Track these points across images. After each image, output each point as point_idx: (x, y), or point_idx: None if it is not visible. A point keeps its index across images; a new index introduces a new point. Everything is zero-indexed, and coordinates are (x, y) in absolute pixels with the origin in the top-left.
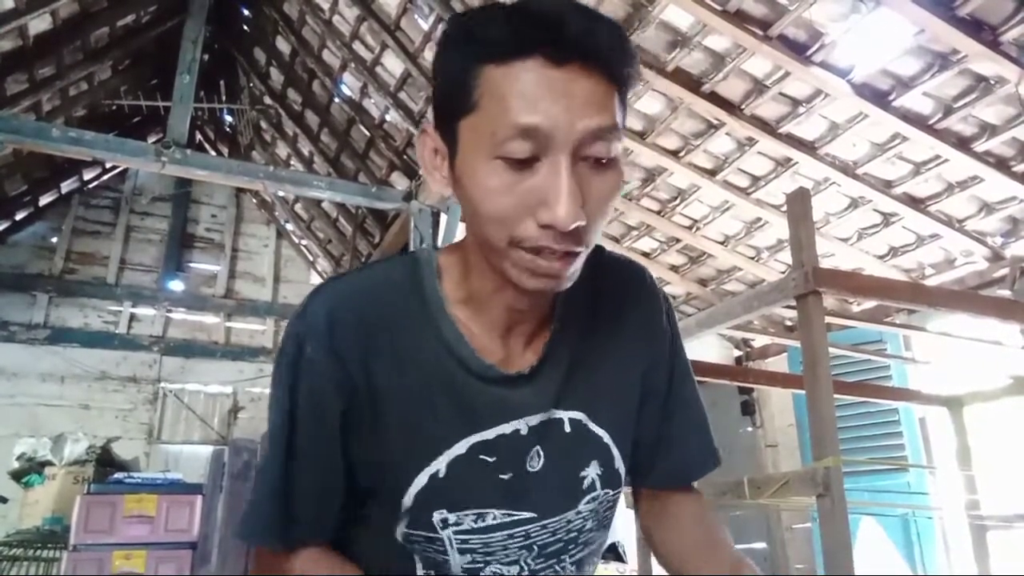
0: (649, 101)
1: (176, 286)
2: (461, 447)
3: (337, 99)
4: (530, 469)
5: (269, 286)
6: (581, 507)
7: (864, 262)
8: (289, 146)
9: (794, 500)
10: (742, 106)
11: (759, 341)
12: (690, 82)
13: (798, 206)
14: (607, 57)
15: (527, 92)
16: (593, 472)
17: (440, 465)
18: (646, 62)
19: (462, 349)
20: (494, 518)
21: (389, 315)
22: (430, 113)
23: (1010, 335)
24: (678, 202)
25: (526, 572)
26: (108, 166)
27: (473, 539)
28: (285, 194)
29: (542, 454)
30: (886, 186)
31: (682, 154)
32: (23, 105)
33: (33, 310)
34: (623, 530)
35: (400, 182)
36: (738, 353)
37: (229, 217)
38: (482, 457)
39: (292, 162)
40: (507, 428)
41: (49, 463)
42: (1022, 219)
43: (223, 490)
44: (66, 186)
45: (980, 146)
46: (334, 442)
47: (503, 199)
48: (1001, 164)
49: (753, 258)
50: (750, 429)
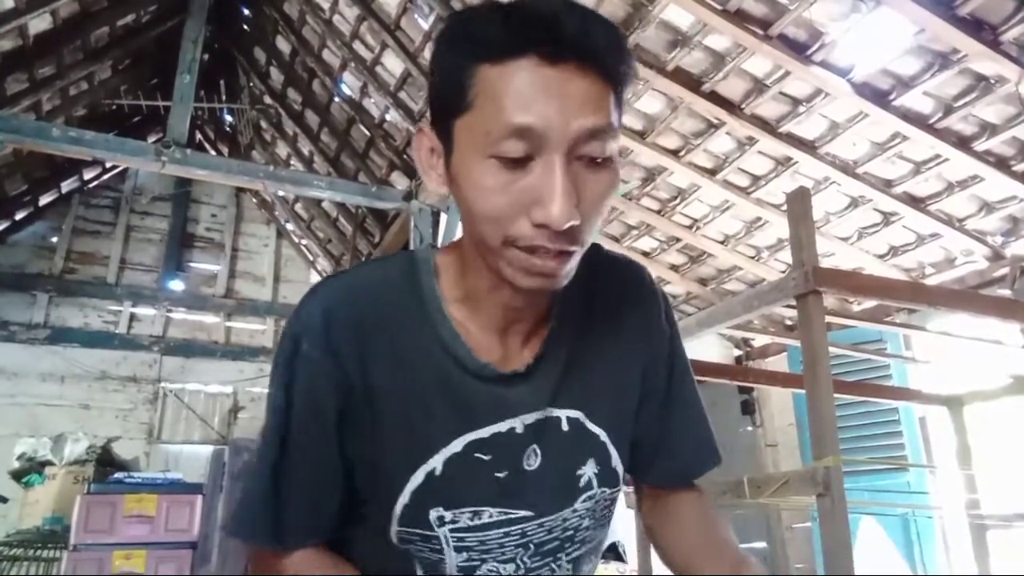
0: (649, 100)
1: (176, 286)
2: (456, 445)
3: (337, 99)
4: (527, 467)
5: (269, 286)
6: (578, 505)
7: (864, 261)
8: (289, 146)
9: (794, 500)
10: (742, 105)
11: (759, 341)
12: (690, 81)
13: (798, 205)
14: (602, 56)
15: (521, 91)
16: (590, 470)
17: (436, 463)
18: (646, 61)
19: (458, 348)
20: (490, 516)
21: (386, 314)
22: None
23: (1010, 334)
24: (678, 201)
25: (522, 570)
26: (108, 166)
27: (469, 537)
28: (285, 194)
29: (539, 452)
30: (886, 185)
31: (682, 153)
32: (23, 105)
33: (33, 310)
34: (623, 530)
35: (400, 182)
36: (738, 353)
37: (229, 217)
38: (477, 455)
39: (292, 162)
40: (503, 427)
41: (49, 463)
42: (1022, 218)
43: (223, 490)
44: (66, 186)
45: (980, 145)
46: (331, 440)
47: (498, 198)
48: (1001, 163)
49: (753, 257)
50: (750, 429)
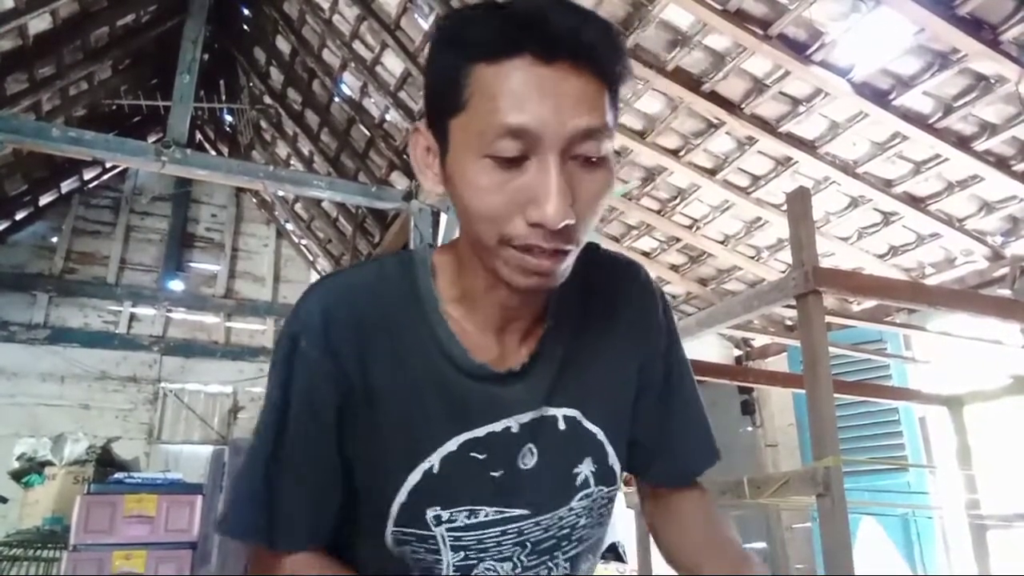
0: (649, 100)
1: (176, 286)
2: (452, 444)
3: (337, 99)
4: (522, 466)
5: (269, 286)
6: (574, 504)
7: (864, 261)
8: (289, 146)
9: (794, 500)
10: (742, 105)
11: (759, 341)
12: (690, 81)
13: (798, 205)
14: (597, 55)
15: (515, 91)
16: (587, 469)
17: (434, 461)
18: (646, 61)
19: (453, 348)
20: (486, 515)
21: (384, 313)
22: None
23: (1010, 335)
24: (678, 201)
25: (519, 569)
26: (108, 166)
27: (466, 536)
28: (285, 194)
29: (535, 451)
30: (886, 185)
31: (682, 153)
32: (23, 105)
33: (33, 310)
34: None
35: (400, 182)
36: (738, 353)
37: (229, 217)
38: (473, 454)
39: (292, 162)
40: (498, 426)
41: (49, 463)
42: (1022, 218)
43: (223, 490)
44: (66, 186)
45: (980, 145)
46: (329, 440)
47: (493, 198)
48: (1001, 163)
49: (753, 257)
50: (750, 429)
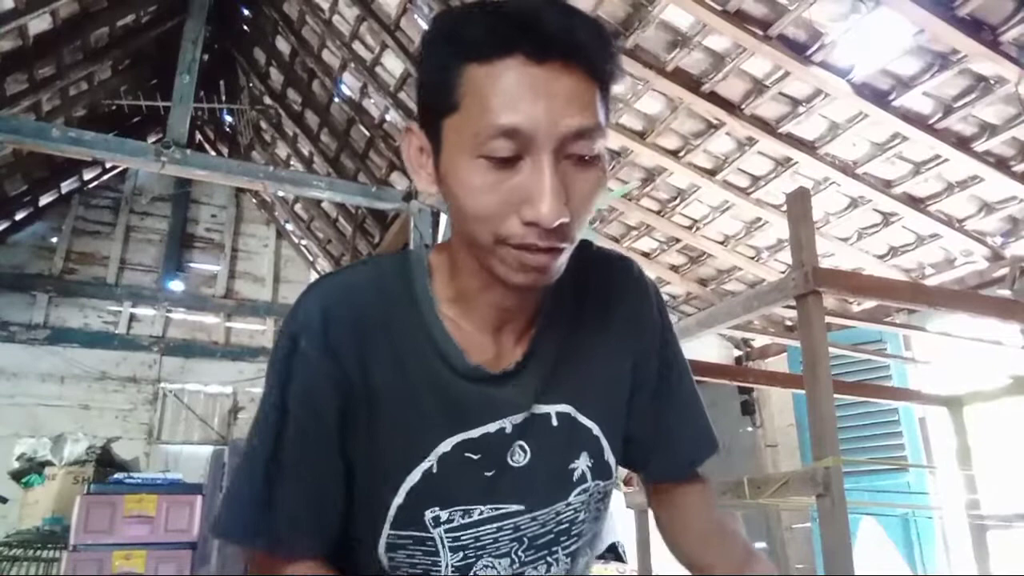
0: (649, 101)
1: (176, 286)
2: (446, 445)
3: (337, 99)
4: (513, 464)
5: (269, 286)
6: (572, 499)
7: (864, 262)
8: (289, 146)
9: (794, 500)
10: (742, 106)
11: (759, 341)
12: (690, 82)
13: (798, 206)
14: (588, 54)
15: (508, 91)
16: (583, 464)
17: (432, 462)
18: (646, 62)
19: (449, 349)
20: (481, 513)
21: (383, 313)
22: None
23: (1010, 335)
24: (678, 202)
25: (517, 564)
26: (108, 166)
27: (464, 535)
28: (285, 194)
29: (527, 449)
30: (886, 186)
31: (682, 154)
32: (23, 105)
33: (33, 310)
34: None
35: (400, 182)
36: (738, 353)
37: (229, 217)
38: (467, 455)
39: (292, 162)
40: (492, 427)
41: (49, 463)
42: (1022, 219)
43: (223, 490)
44: (66, 186)
45: (980, 146)
46: (331, 442)
47: (487, 197)
48: (1001, 164)
49: (753, 258)
50: (750, 429)
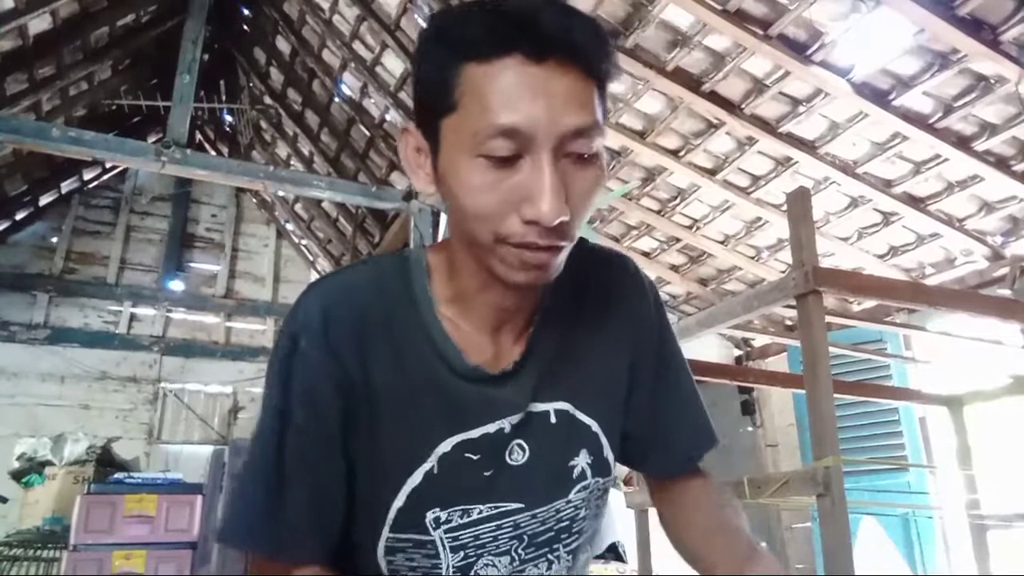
0: (649, 101)
1: (176, 286)
2: (446, 446)
3: (337, 99)
4: (511, 462)
5: (269, 286)
6: (572, 496)
7: (864, 261)
8: (289, 146)
9: (794, 500)
10: (742, 105)
11: (759, 341)
12: (690, 81)
13: (798, 205)
14: (586, 53)
15: (507, 91)
16: (583, 461)
17: (433, 463)
18: (646, 61)
19: (448, 350)
20: (480, 512)
21: (384, 313)
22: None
23: (1010, 335)
24: (678, 202)
25: (518, 562)
26: (108, 166)
27: (463, 535)
28: (285, 194)
29: (525, 447)
30: (886, 185)
31: (682, 154)
32: (23, 105)
33: (33, 310)
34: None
35: (400, 182)
36: (738, 353)
37: (229, 217)
38: (467, 455)
39: (292, 162)
40: (492, 427)
41: (49, 463)
42: (1022, 218)
43: (223, 490)
44: (66, 186)
45: (980, 145)
46: (334, 443)
47: (487, 196)
48: (1001, 163)
49: (753, 258)
50: (750, 429)
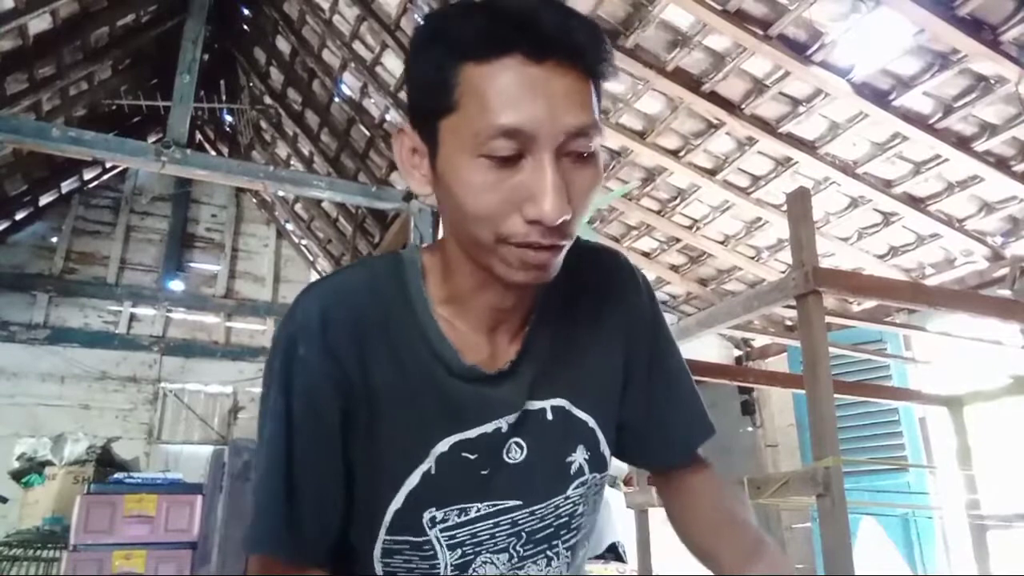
0: (649, 101)
1: (176, 286)
2: (443, 446)
3: (337, 99)
4: (508, 460)
5: (269, 286)
6: (570, 492)
7: (864, 262)
8: (289, 146)
9: (794, 500)
10: (742, 106)
11: (759, 341)
12: (690, 82)
13: (798, 206)
14: (584, 53)
15: (508, 91)
16: (580, 457)
17: (430, 463)
18: (646, 61)
19: (444, 350)
20: (477, 510)
21: (381, 313)
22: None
23: (1010, 335)
24: (678, 202)
25: (516, 559)
26: (108, 166)
27: (460, 533)
28: (285, 194)
29: (523, 445)
30: (886, 186)
31: (682, 154)
32: (23, 105)
33: (33, 310)
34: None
35: (400, 182)
36: (738, 353)
37: (229, 217)
38: (464, 455)
39: (292, 162)
40: (489, 427)
41: (49, 463)
42: (1022, 219)
43: (223, 490)
44: (66, 186)
45: (980, 145)
46: (334, 443)
47: (489, 196)
48: (1001, 163)
49: (753, 258)
50: (750, 429)
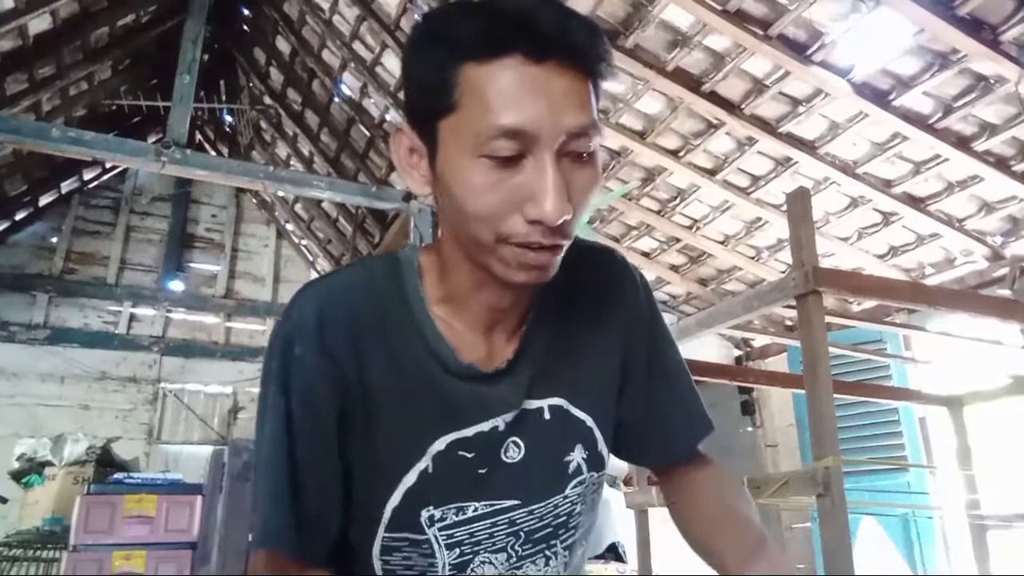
0: (649, 101)
1: (176, 286)
2: (440, 444)
3: (337, 99)
4: (506, 460)
5: (269, 286)
6: (568, 491)
7: (864, 261)
8: (289, 146)
9: (794, 500)
10: (742, 106)
11: (759, 341)
12: (690, 82)
13: (798, 205)
14: (584, 53)
15: (509, 91)
16: (578, 456)
17: (427, 462)
18: (646, 61)
19: (441, 348)
20: (475, 510)
21: (377, 313)
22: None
23: (1010, 335)
24: (678, 202)
25: (515, 559)
26: (108, 166)
27: (458, 532)
28: (285, 194)
29: (521, 444)
30: (886, 185)
31: (682, 154)
32: (23, 105)
33: (33, 310)
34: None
35: (400, 182)
36: (738, 353)
37: (229, 217)
38: (461, 453)
39: (292, 162)
40: (486, 426)
41: (49, 463)
42: (1022, 218)
43: (223, 490)
44: (66, 186)
45: (980, 145)
46: (333, 442)
47: (490, 196)
48: (1001, 163)
49: (753, 258)
50: (750, 429)
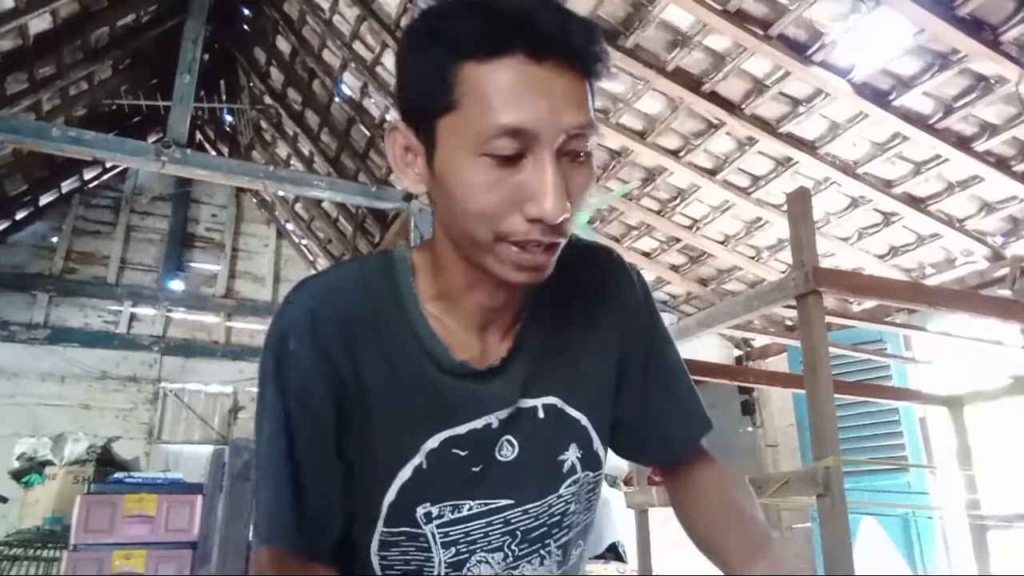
0: (649, 101)
1: (176, 286)
2: (434, 442)
3: (337, 99)
4: (500, 458)
5: (269, 286)
6: (563, 491)
7: (864, 262)
8: (289, 146)
9: (794, 500)
10: (742, 106)
11: (759, 341)
12: (690, 82)
13: (798, 206)
14: (582, 53)
15: (510, 91)
16: (573, 455)
17: (421, 458)
18: (646, 61)
19: (434, 346)
20: (470, 508)
21: (370, 311)
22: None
23: (1010, 335)
24: (678, 202)
25: (511, 558)
26: (108, 166)
27: (454, 530)
28: (285, 194)
29: (515, 443)
30: (886, 186)
31: (682, 154)
32: (23, 105)
33: (33, 310)
34: (623, 530)
35: (400, 182)
36: (738, 353)
37: (229, 217)
38: (455, 451)
39: (292, 162)
40: (479, 423)
41: (49, 463)
42: (1022, 218)
43: (223, 490)
44: (66, 186)
45: (980, 145)
46: (330, 441)
47: (490, 195)
48: (1001, 163)
49: (753, 258)
50: (750, 429)
